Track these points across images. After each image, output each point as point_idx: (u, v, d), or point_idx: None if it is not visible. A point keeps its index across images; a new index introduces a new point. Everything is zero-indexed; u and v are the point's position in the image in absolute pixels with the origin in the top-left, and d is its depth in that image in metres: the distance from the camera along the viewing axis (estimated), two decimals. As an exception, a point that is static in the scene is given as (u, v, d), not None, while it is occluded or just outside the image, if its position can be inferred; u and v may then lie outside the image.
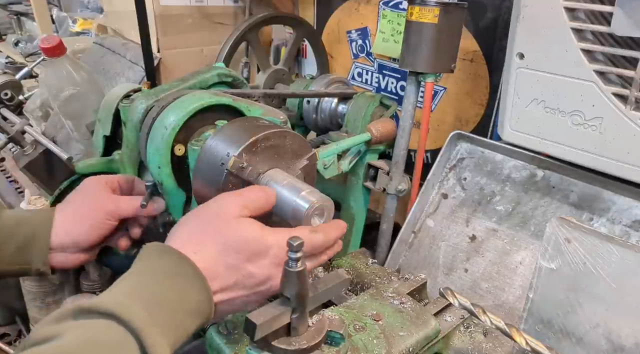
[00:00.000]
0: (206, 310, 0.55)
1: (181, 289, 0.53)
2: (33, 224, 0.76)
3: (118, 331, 0.45)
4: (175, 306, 0.51)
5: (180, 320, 0.52)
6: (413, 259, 1.06)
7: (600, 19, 0.72)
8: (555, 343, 0.67)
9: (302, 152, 0.74)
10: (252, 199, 0.62)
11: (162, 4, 1.43)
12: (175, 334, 0.50)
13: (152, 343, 0.45)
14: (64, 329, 0.44)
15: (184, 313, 0.52)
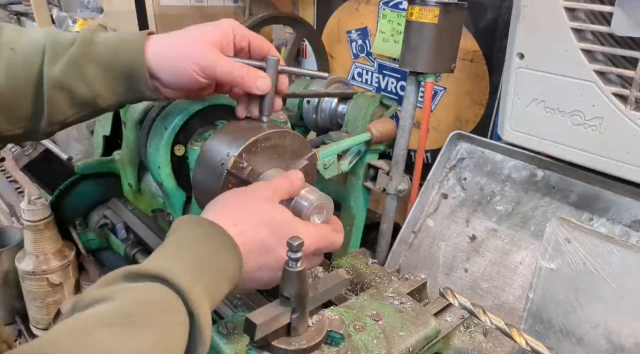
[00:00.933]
0: (237, 277, 0.58)
1: (219, 254, 0.56)
2: (129, 51, 0.71)
3: (166, 292, 0.48)
4: (214, 270, 0.55)
5: (219, 283, 0.55)
6: (413, 259, 1.06)
7: (600, 19, 0.72)
8: (555, 343, 0.67)
9: (302, 152, 0.74)
10: (280, 185, 0.65)
11: (162, 4, 1.43)
12: (214, 296, 0.53)
13: (196, 302, 0.49)
14: (116, 291, 0.47)
15: (221, 277, 0.55)
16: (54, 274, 1.04)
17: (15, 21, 2.39)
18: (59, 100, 0.70)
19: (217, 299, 0.55)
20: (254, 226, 0.60)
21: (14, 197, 1.51)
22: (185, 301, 0.49)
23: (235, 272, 0.57)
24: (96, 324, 0.43)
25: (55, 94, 0.70)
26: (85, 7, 2.26)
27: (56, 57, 0.70)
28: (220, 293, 0.55)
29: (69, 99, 0.71)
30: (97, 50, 0.70)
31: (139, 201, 1.11)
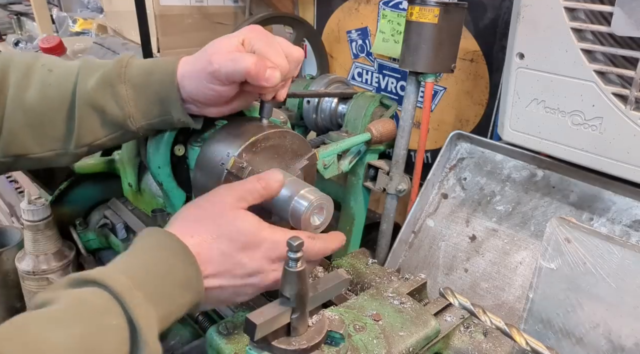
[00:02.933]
0: (196, 285, 0.57)
1: (168, 260, 0.56)
2: (161, 74, 0.70)
3: (104, 295, 0.50)
4: (162, 275, 0.54)
5: (168, 290, 0.54)
6: (413, 259, 1.06)
7: (600, 19, 0.72)
8: (555, 343, 0.67)
9: (302, 152, 0.74)
10: (249, 190, 0.63)
11: (162, 4, 1.43)
12: (164, 304, 0.53)
13: (134, 304, 0.49)
14: (58, 295, 0.49)
15: (172, 283, 0.55)
16: (54, 274, 1.04)
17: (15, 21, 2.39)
18: (90, 118, 0.70)
19: (170, 308, 0.54)
20: (212, 236, 0.59)
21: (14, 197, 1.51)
22: (122, 304, 0.49)
23: (191, 280, 0.56)
24: (32, 319, 0.47)
25: (87, 111, 0.70)
26: (85, 7, 2.26)
27: (90, 74, 0.70)
28: (175, 300, 0.55)
29: (99, 118, 0.71)
30: (131, 72, 0.71)
31: (139, 201, 1.10)
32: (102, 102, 0.70)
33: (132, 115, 0.71)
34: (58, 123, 0.71)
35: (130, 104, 0.70)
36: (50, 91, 0.70)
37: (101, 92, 0.70)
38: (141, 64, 0.72)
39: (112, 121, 0.71)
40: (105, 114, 0.71)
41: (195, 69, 0.68)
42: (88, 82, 0.70)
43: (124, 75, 0.70)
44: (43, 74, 0.71)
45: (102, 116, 0.71)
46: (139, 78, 0.71)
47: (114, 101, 0.70)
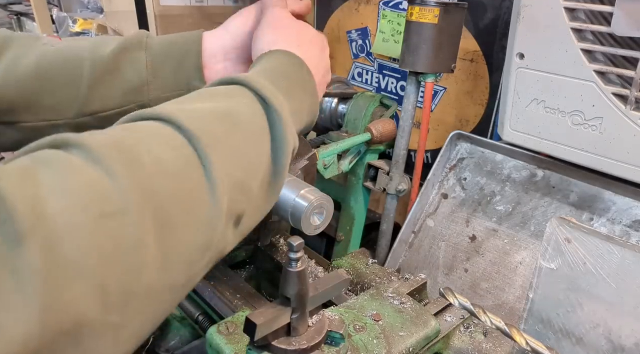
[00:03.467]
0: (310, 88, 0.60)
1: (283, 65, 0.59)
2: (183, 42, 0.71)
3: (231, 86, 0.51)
4: (283, 76, 0.57)
5: (291, 87, 0.56)
6: (413, 259, 1.06)
7: (600, 19, 0.72)
8: (555, 343, 0.67)
9: (302, 151, 0.74)
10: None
11: (162, 4, 1.43)
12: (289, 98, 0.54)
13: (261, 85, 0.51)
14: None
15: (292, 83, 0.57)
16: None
17: (15, 21, 2.39)
18: (102, 83, 0.68)
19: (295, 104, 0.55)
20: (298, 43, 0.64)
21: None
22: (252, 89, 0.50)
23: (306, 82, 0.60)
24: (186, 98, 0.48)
25: (100, 75, 0.67)
26: (85, 7, 2.26)
27: (107, 42, 0.69)
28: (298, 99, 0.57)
29: (113, 82, 0.68)
30: (153, 41, 0.70)
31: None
32: (119, 66, 0.68)
33: (149, 83, 0.69)
34: (57, 91, 0.68)
35: (149, 72, 0.69)
36: (49, 60, 0.68)
37: (119, 57, 0.68)
38: (163, 37, 0.71)
39: (126, 88, 0.68)
40: (121, 78, 0.68)
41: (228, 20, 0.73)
42: (106, 48, 0.68)
43: (145, 43, 0.69)
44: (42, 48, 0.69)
45: (117, 81, 0.68)
46: (159, 47, 0.69)
47: (131, 66, 0.68)
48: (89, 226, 0.31)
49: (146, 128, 0.41)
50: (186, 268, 0.39)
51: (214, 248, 0.42)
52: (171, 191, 0.37)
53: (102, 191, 0.33)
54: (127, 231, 0.33)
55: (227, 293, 0.80)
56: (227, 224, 0.43)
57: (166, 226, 0.36)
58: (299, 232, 0.64)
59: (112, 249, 0.32)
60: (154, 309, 0.37)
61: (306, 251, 0.76)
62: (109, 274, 0.32)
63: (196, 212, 0.39)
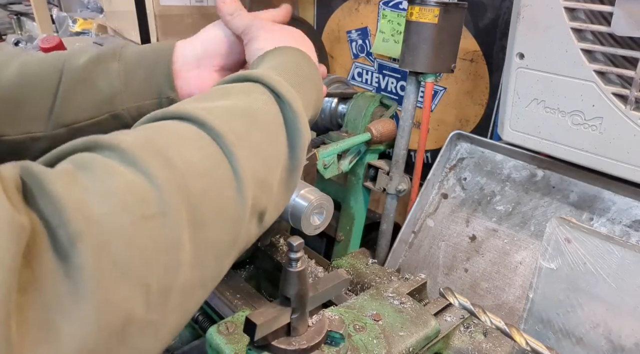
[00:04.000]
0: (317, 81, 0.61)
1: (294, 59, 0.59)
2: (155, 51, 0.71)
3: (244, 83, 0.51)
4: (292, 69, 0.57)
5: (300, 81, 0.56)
6: (413, 259, 1.06)
7: (600, 19, 0.72)
8: (555, 343, 0.67)
9: None
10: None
11: (162, 4, 1.43)
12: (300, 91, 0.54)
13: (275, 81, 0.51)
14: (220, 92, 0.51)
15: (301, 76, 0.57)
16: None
17: (15, 21, 2.39)
18: (75, 94, 0.68)
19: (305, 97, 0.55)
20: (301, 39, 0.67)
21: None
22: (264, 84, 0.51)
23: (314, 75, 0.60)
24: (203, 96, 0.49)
25: (73, 86, 0.68)
26: (85, 7, 2.26)
27: (83, 53, 0.69)
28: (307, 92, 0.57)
29: (86, 94, 0.69)
30: (126, 51, 0.70)
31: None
32: (92, 76, 0.68)
33: (121, 93, 0.69)
34: (37, 101, 0.68)
35: (121, 81, 0.69)
36: (31, 69, 0.68)
37: (92, 67, 0.68)
38: (138, 47, 0.71)
39: (99, 99, 0.69)
40: (93, 89, 0.68)
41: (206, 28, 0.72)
42: (80, 59, 0.68)
43: (119, 54, 0.69)
44: (25, 57, 0.69)
45: (90, 92, 0.68)
46: (133, 56, 0.70)
47: (103, 77, 0.68)
48: (132, 228, 0.32)
49: (171, 128, 0.42)
50: (216, 264, 0.41)
51: (239, 243, 0.44)
52: (202, 190, 0.38)
53: (142, 192, 0.34)
54: (166, 232, 0.34)
55: (227, 293, 0.80)
56: (251, 219, 0.44)
57: (199, 225, 0.37)
58: (299, 232, 0.64)
59: (153, 249, 0.33)
60: (188, 306, 0.38)
61: (306, 251, 0.76)
62: (151, 274, 0.33)
63: (226, 210, 0.40)
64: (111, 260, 0.30)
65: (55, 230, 0.29)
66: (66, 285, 0.28)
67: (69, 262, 0.29)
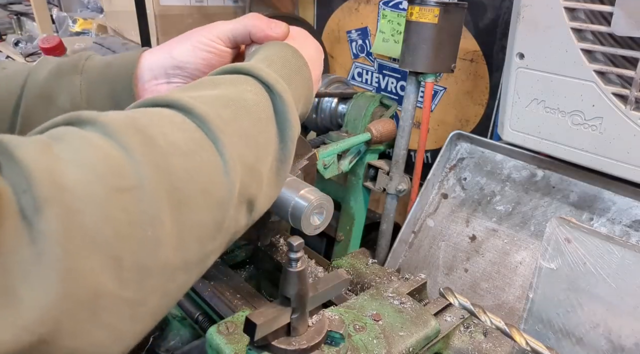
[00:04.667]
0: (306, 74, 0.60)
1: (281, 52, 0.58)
2: (119, 66, 0.66)
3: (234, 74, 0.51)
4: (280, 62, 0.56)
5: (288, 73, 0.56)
6: (413, 259, 1.06)
7: (600, 19, 0.72)
8: (555, 343, 0.67)
9: (301, 152, 0.74)
10: None
11: (162, 4, 1.43)
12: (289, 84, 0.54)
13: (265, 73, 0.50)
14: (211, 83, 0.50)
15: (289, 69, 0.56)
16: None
17: (15, 21, 2.39)
18: (36, 110, 0.65)
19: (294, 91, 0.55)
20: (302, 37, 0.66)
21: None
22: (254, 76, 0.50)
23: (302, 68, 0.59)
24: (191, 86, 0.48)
25: (34, 102, 0.64)
26: (85, 7, 2.26)
27: (43, 66, 0.66)
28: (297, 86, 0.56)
29: (47, 110, 0.65)
30: (89, 64, 0.66)
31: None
32: (52, 92, 0.64)
33: (82, 108, 0.66)
34: (2, 121, 0.65)
35: (83, 97, 0.65)
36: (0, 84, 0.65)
37: (53, 81, 0.64)
38: (103, 58, 0.67)
39: (58, 114, 0.67)
40: (54, 105, 0.64)
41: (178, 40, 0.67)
42: (41, 73, 0.65)
43: (81, 67, 0.65)
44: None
45: (50, 108, 0.64)
46: (96, 71, 0.66)
47: (65, 92, 0.64)
48: (105, 198, 0.32)
49: (157, 113, 0.41)
50: (200, 247, 0.40)
51: (225, 230, 0.43)
52: (185, 170, 0.38)
53: (118, 165, 0.33)
54: (142, 206, 0.34)
55: (227, 293, 0.80)
56: (239, 206, 0.44)
57: (181, 204, 0.37)
58: (299, 232, 0.64)
59: (127, 223, 0.33)
60: (170, 288, 0.38)
61: (306, 251, 0.76)
62: (124, 248, 0.32)
63: (210, 191, 0.40)
64: (80, 229, 0.30)
65: (22, 195, 0.28)
66: (30, 251, 0.28)
67: (33, 228, 0.28)
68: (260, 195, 0.47)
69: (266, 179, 0.48)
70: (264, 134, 0.48)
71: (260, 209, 0.49)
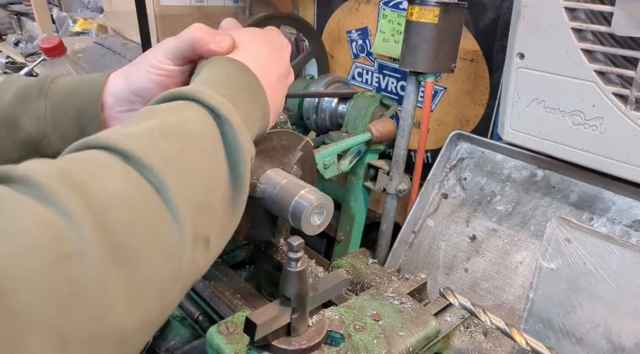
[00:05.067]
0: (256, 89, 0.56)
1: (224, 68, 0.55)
2: (85, 91, 0.64)
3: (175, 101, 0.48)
4: (222, 79, 0.53)
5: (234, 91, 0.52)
6: (413, 259, 1.06)
7: (600, 19, 0.72)
8: (555, 343, 0.67)
9: (293, 144, 0.73)
10: None
11: (162, 4, 1.43)
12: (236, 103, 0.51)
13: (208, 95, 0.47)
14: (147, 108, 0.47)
15: (234, 85, 0.53)
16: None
17: (15, 21, 2.39)
18: (1, 136, 0.62)
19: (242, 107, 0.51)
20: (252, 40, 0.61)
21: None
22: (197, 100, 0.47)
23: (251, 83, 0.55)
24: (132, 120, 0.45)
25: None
26: (85, 7, 2.26)
27: (9, 88, 0.63)
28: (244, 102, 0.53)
29: (12, 136, 0.62)
30: (54, 87, 0.63)
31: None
32: (17, 118, 0.62)
33: (49, 135, 0.62)
34: None
35: (48, 123, 0.62)
36: None
37: (17, 106, 0.62)
38: (68, 81, 0.65)
39: (26, 141, 0.62)
40: (19, 131, 0.62)
41: (136, 63, 0.64)
42: (5, 95, 0.62)
43: (46, 90, 0.63)
44: None
45: (15, 134, 0.62)
46: (61, 94, 0.63)
47: (30, 118, 0.62)
48: (45, 271, 0.29)
49: (94, 160, 0.38)
50: (157, 302, 0.37)
51: (183, 277, 0.40)
52: (130, 223, 0.35)
53: (57, 231, 0.30)
54: (86, 273, 0.31)
55: (227, 293, 0.80)
56: (194, 249, 0.41)
57: (130, 262, 0.34)
58: (299, 232, 0.64)
59: (72, 294, 0.30)
60: (128, 351, 0.35)
61: (306, 251, 0.76)
62: (69, 322, 0.30)
63: (160, 243, 0.37)
64: (14, 312, 0.27)
65: None
66: None
67: None
68: (215, 229, 0.45)
69: (220, 211, 0.45)
70: (213, 163, 0.45)
71: (218, 243, 0.47)
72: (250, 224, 0.73)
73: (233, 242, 0.88)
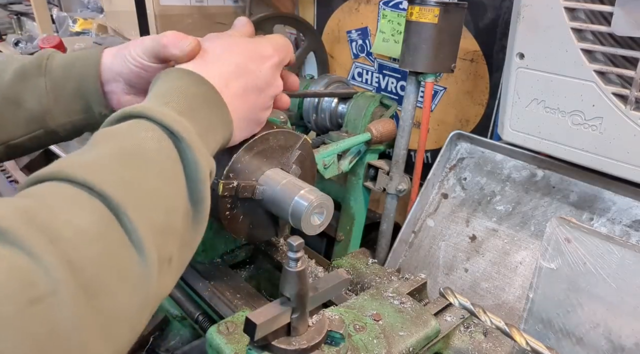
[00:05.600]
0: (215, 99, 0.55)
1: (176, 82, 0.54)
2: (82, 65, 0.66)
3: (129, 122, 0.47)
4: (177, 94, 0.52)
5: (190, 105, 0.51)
6: (413, 259, 1.06)
7: (600, 19, 0.72)
8: (555, 343, 0.67)
9: (290, 143, 0.73)
10: None
11: (162, 4, 1.43)
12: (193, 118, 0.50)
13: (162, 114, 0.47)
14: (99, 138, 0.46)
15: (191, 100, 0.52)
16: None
17: (15, 21, 2.39)
18: (5, 114, 0.65)
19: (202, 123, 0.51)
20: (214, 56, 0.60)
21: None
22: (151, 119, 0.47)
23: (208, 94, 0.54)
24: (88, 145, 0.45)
25: (1, 107, 0.64)
26: (85, 7, 2.26)
27: (8, 67, 0.65)
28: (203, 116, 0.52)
29: (15, 113, 0.65)
30: (52, 64, 0.66)
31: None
32: (19, 96, 0.64)
33: (51, 110, 0.65)
34: None
35: (50, 98, 0.65)
36: None
37: (18, 85, 0.64)
38: (64, 57, 0.67)
39: (29, 117, 0.65)
40: (22, 108, 0.64)
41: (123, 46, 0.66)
42: (4, 75, 0.64)
43: (44, 67, 0.65)
44: None
45: (18, 111, 0.64)
46: (59, 70, 0.66)
47: (31, 95, 0.64)
48: (18, 316, 0.29)
49: (55, 194, 0.38)
50: (130, 330, 0.38)
51: (153, 300, 0.41)
52: (98, 256, 0.35)
53: (26, 275, 0.30)
54: (60, 313, 0.31)
55: (227, 293, 0.80)
56: (160, 271, 0.41)
57: (100, 296, 0.35)
58: (299, 232, 0.64)
59: (47, 335, 0.30)
60: None
61: (306, 251, 0.76)
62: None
63: (127, 273, 0.38)
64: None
65: None
66: None
67: None
68: (177, 247, 0.45)
69: (182, 229, 0.46)
70: (172, 183, 0.45)
71: (183, 259, 0.47)
72: (252, 225, 0.73)
73: (233, 242, 0.88)
